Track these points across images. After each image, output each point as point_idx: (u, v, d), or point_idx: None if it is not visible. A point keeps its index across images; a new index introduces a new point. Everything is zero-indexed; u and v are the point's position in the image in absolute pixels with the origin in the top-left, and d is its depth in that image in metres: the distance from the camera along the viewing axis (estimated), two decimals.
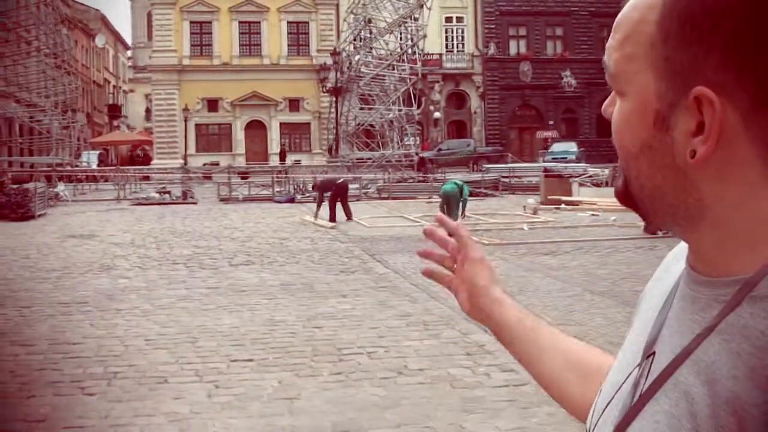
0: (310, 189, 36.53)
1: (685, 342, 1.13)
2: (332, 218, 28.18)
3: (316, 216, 29.01)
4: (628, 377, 1.24)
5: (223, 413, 8.05)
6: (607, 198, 29.71)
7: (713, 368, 1.06)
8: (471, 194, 37.05)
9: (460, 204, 25.09)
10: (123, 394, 8.74)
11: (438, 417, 7.75)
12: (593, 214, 28.77)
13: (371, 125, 53.74)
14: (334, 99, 56.29)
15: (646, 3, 1.10)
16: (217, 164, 57.93)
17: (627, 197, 1.18)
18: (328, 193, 29.18)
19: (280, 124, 69.89)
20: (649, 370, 1.18)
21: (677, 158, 1.10)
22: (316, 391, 8.73)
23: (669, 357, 1.15)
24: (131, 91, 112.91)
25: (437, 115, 70.57)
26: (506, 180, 43.84)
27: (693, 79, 1.06)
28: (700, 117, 1.06)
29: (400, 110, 52.35)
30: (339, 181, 30.45)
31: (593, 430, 1.30)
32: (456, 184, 25.26)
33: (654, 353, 1.19)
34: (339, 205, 28.76)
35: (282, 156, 63.50)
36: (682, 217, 1.14)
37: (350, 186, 38.03)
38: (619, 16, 1.16)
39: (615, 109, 1.16)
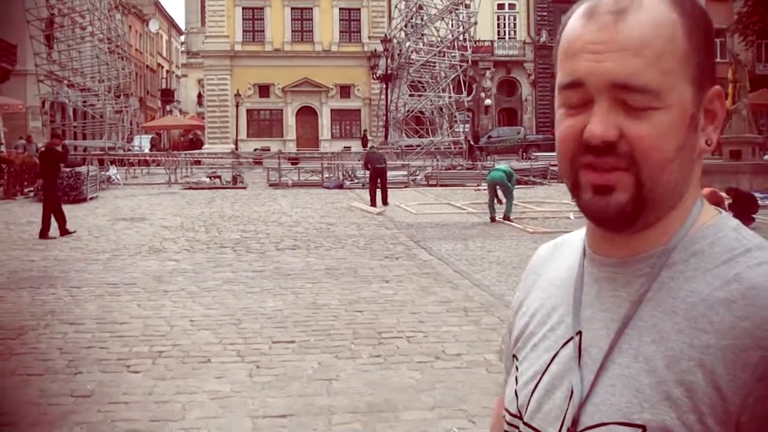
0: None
1: (613, 316, 1.32)
2: (373, 203, 28.51)
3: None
4: (553, 359, 1.39)
5: (263, 392, 8.25)
6: None
7: (657, 329, 1.26)
8: (519, 182, 37.02)
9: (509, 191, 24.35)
10: (167, 372, 8.97)
11: (472, 400, 7.89)
12: None
13: (421, 112, 53.70)
14: (384, 86, 56.38)
15: (666, 22, 1.28)
16: (268, 150, 58.15)
17: (637, 207, 1.29)
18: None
19: (331, 110, 70.08)
20: (580, 347, 1.35)
21: (696, 152, 1.33)
22: (354, 372, 8.91)
23: (602, 331, 1.33)
24: (184, 76, 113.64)
25: (488, 102, 70.41)
26: (555, 168, 43.63)
27: (711, 80, 1.32)
28: (711, 110, 1.33)
29: (450, 97, 52.26)
30: (379, 165, 30.50)
31: (526, 410, 1.42)
32: (504, 171, 24.66)
33: (580, 332, 1.36)
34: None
35: (364, 142, 62.97)
36: (669, 208, 1.33)
37: (398, 173, 38.18)
38: (631, 38, 1.26)
39: (640, 125, 1.27)
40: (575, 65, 1.30)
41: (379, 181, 29.87)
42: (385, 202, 29.16)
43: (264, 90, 69.57)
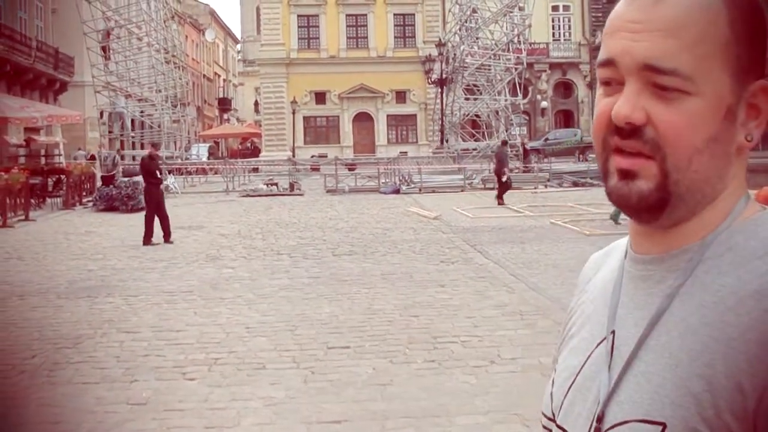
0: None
1: (645, 313, 1.29)
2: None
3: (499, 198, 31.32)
4: (587, 360, 1.37)
5: (317, 398, 8.24)
6: None
7: (685, 323, 1.23)
8: (576, 184, 36.83)
9: None
10: (222, 379, 9.01)
11: (526, 404, 7.80)
12: None
13: (477, 115, 53.67)
14: (439, 90, 56.34)
15: (709, 6, 1.24)
16: (325, 156, 58.41)
17: (661, 198, 1.26)
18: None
19: (387, 116, 70.24)
20: (613, 346, 1.32)
21: (733, 146, 1.27)
22: (408, 377, 8.88)
23: (632, 329, 1.30)
24: (241, 84, 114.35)
25: (544, 104, 70.18)
26: None
27: (756, 72, 1.26)
28: (755, 105, 1.27)
29: (506, 100, 52.18)
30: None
31: (559, 412, 1.40)
32: None
33: (614, 332, 1.33)
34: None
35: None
36: (704, 203, 1.28)
37: (455, 177, 38.30)
38: (669, 19, 1.23)
39: (668, 110, 1.23)
40: (611, 43, 1.27)
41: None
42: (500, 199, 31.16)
43: (320, 97, 69.95)
